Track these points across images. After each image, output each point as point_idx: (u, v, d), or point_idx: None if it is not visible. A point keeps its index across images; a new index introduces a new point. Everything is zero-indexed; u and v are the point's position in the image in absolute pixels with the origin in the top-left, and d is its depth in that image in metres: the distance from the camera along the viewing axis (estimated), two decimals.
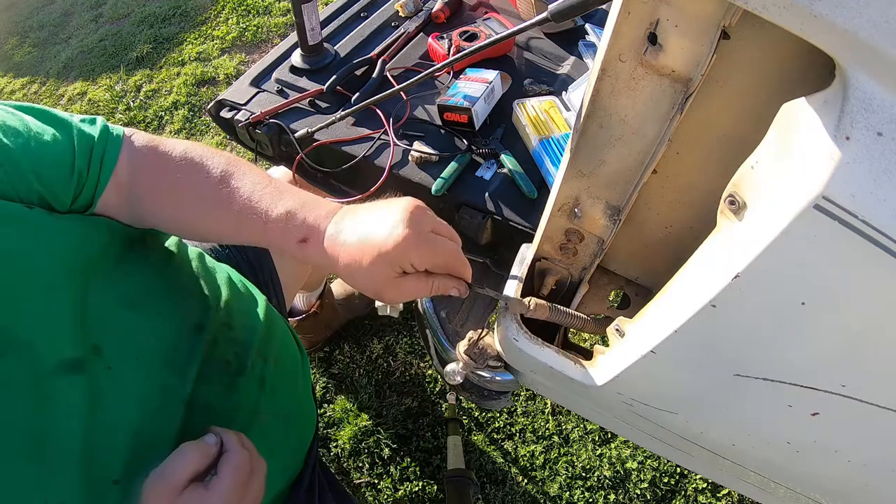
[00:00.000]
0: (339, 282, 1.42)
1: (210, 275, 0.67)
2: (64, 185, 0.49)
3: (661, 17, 0.37)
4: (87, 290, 0.48)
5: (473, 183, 0.78)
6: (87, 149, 0.51)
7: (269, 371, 0.66)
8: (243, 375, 0.61)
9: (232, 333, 0.63)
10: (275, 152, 0.87)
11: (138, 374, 0.51)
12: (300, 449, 0.73)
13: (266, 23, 2.28)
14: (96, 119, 0.54)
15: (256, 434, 0.58)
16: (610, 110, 0.46)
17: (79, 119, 0.53)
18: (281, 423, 0.67)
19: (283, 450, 0.68)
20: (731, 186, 0.35)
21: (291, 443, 0.71)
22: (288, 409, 0.70)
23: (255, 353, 0.64)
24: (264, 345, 0.67)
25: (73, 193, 0.50)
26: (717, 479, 0.72)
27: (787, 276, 0.32)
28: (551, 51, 0.98)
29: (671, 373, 0.46)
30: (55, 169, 0.48)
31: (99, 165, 0.51)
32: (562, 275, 0.65)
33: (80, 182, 0.50)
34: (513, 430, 1.27)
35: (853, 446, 0.44)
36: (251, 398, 0.62)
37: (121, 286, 0.52)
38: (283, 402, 0.69)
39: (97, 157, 0.51)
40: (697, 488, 1.17)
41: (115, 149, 0.52)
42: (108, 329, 0.50)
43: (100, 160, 0.51)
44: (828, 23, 0.25)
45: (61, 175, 0.48)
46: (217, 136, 1.93)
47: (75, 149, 0.50)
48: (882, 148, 0.26)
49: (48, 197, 0.48)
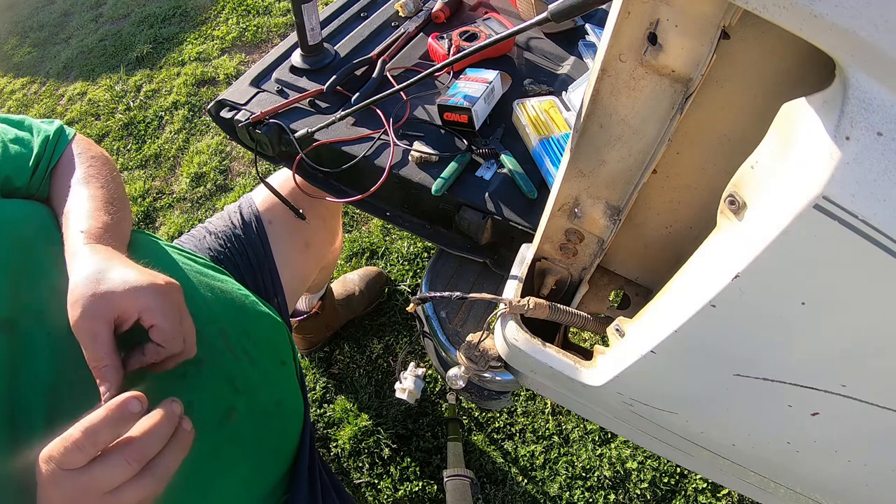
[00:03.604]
0: (339, 282, 1.43)
1: (161, 258, 0.67)
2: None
3: (661, 17, 0.37)
4: (26, 260, 0.52)
5: (473, 183, 0.78)
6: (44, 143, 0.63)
7: (240, 365, 0.67)
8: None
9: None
10: (275, 152, 0.87)
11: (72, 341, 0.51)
12: (285, 446, 0.74)
13: (266, 23, 2.28)
14: (53, 121, 0.67)
15: (224, 430, 0.61)
16: (610, 110, 0.46)
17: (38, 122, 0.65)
18: (259, 417, 0.68)
19: (260, 447, 0.69)
20: (731, 186, 0.35)
21: (270, 440, 0.71)
22: (268, 403, 0.71)
23: (216, 339, 0.65)
24: (233, 336, 0.67)
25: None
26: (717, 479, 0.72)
27: (786, 276, 0.32)
28: (551, 51, 0.98)
29: (671, 373, 0.46)
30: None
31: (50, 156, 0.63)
32: (562, 275, 0.65)
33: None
34: (513, 430, 1.27)
35: (853, 446, 0.44)
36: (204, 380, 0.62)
37: (61, 260, 0.54)
38: (263, 396, 0.70)
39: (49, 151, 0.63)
40: (697, 488, 1.17)
41: (63, 146, 0.65)
42: (46, 297, 0.52)
43: (50, 155, 0.63)
44: (828, 23, 0.25)
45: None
46: (217, 136, 1.93)
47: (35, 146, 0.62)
48: (882, 148, 0.26)
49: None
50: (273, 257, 0.87)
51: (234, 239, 0.86)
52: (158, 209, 1.80)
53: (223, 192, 1.80)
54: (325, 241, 0.99)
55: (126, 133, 2.03)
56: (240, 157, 1.88)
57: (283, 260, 0.88)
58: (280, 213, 0.90)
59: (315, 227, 0.94)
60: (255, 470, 0.68)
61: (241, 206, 0.91)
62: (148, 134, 2.01)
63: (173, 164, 1.92)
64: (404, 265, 1.53)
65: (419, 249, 1.56)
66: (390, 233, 1.61)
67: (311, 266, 0.98)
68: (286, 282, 0.88)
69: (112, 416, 0.41)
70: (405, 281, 1.50)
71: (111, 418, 0.41)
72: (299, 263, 0.93)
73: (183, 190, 1.82)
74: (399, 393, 0.97)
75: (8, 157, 0.58)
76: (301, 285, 0.96)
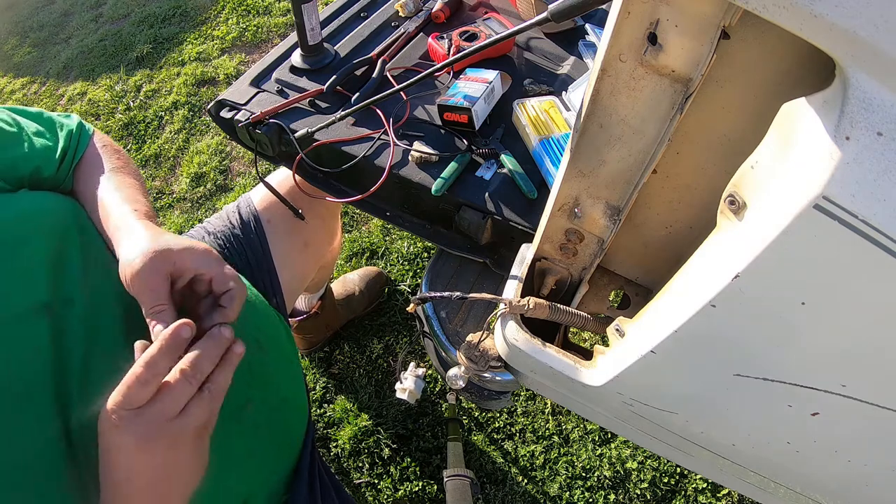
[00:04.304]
0: (339, 282, 1.42)
1: None
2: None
3: (661, 17, 0.37)
4: (61, 250, 0.55)
5: (473, 183, 0.78)
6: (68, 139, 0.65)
7: (256, 357, 0.68)
8: None
9: None
10: (275, 152, 0.87)
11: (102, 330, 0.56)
12: (289, 443, 0.74)
13: (266, 23, 2.28)
14: (70, 115, 0.69)
15: (244, 419, 0.63)
16: (610, 110, 0.46)
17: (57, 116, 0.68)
18: (269, 411, 0.69)
19: (269, 443, 0.70)
20: (731, 186, 0.35)
21: (277, 437, 0.71)
22: (276, 398, 0.72)
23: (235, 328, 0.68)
24: (247, 328, 0.69)
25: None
26: (717, 479, 0.72)
27: (787, 276, 0.32)
28: (551, 51, 0.98)
29: (671, 373, 0.46)
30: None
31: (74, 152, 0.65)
32: (562, 275, 0.65)
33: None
34: (513, 430, 1.27)
35: (853, 446, 0.44)
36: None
37: (89, 249, 0.58)
38: (272, 391, 0.71)
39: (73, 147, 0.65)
40: (697, 488, 1.17)
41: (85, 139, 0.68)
42: (80, 285, 0.55)
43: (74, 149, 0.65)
44: (828, 23, 0.25)
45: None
46: (217, 136, 1.93)
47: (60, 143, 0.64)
48: (882, 148, 0.26)
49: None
50: (272, 257, 0.87)
51: (232, 239, 0.86)
52: (158, 209, 1.80)
53: (223, 192, 1.80)
54: (323, 241, 1.00)
55: (126, 133, 2.03)
56: (240, 157, 1.88)
57: (282, 260, 0.88)
58: (279, 212, 0.90)
59: (314, 227, 0.94)
60: (263, 466, 0.68)
61: (240, 205, 0.91)
62: (148, 134, 2.01)
63: (173, 164, 1.92)
64: (404, 265, 1.53)
65: (419, 249, 1.56)
66: (390, 233, 1.61)
67: (310, 266, 0.98)
68: (285, 281, 0.88)
69: (168, 345, 0.46)
70: (405, 281, 1.50)
71: (167, 346, 0.45)
72: (298, 263, 0.93)
73: (183, 190, 1.82)
74: (399, 393, 0.97)
75: (35, 149, 0.61)
76: (299, 285, 0.96)
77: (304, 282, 0.99)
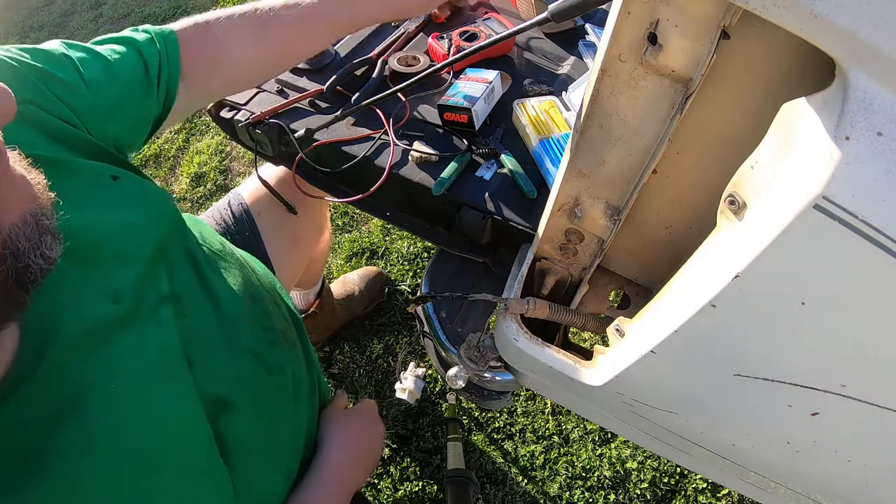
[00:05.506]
0: (339, 281, 1.42)
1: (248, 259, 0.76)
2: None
3: (661, 17, 0.37)
4: (165, 246, 0.56)
5: (473, 183, 0.78)
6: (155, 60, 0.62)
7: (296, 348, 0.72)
8: (282, 342, 0.68)
9: (274, 308, 0.71)
10: (275, 152, 0.87)
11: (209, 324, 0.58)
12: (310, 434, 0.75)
13: None
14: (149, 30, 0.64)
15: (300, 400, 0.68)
16: (610, 110, 0.46)
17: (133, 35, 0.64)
18: (311, 398, 0.72)
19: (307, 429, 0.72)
20: (731, 186, 0.35)
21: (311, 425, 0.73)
22: (310, 387, 0.74)
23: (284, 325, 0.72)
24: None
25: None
26: (718, 479, 0.72)
27: (787, 276, 0.32)
28: (551, 51, 0.98)
29: (671, 373, 0.46)
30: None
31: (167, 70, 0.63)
32: (562, 275, 0.65)
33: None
34: (513, 430, 1.27)
35: (853, 446, 0.44)
36: (293, 365, 0.69)
37: (190, 246, 0.61)
38: (307, 378, 0.73)
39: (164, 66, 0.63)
40: (697, 488, 1.17)
41: (175, 49, 0.64)
42: (183, 281, 0.57)
43: (167, 66, 0.63)
44: (828, 23, 0.25)
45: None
46: (217, 136, 1.93)
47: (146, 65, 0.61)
48: (882, 148, 0.26)
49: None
50: (266, 251, 0.88)
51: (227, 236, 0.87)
52: None
53: (223, 192, 1.80)
54: (312, 233, 1.01)
55: None
56: (240, 157, 1.88)
57: (274, 253, 0.90)
58: (268, 204, 0.91)
59: (303, 220, 0.96)
60: (294, 455, 0.67)
61: (230, 201, 0.92)
62: None
63: (173, 164, 1.92)
64: (404, 265, 1.53)
65: (419, 249, 1.56)
66: (390, 233, 1.61)
67: (300, 258, 0.99)
68: (278, 274, 0.89)
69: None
70: (405, 281, 1.50)
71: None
72: (289, 256, 0.94)
73: (183, 190, 1.82)
74: (399, 393, 0.97)
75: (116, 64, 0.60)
76: (291, 278, 0.97)
77: (296, 275, 1.01)
